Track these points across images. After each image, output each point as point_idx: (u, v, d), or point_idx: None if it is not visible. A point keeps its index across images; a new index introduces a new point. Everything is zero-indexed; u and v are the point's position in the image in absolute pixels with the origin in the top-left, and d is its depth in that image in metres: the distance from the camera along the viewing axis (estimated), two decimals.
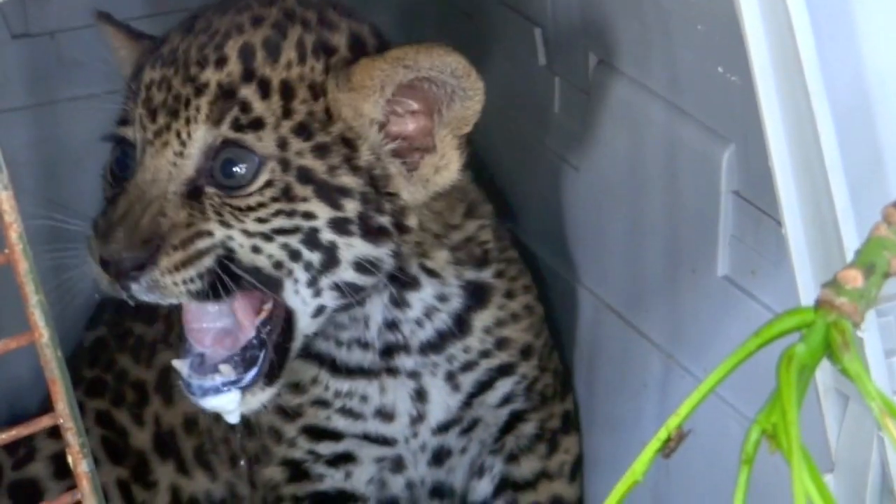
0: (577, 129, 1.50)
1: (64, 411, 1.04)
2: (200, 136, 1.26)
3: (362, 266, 1.30)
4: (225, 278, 1.25)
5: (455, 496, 1.55)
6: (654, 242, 1.42)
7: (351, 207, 1.28)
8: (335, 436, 1.45)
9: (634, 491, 1.42)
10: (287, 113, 1.27)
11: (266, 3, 1.32)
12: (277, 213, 1.27)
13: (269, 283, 1.27)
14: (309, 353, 1.42)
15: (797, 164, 1.17)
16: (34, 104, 1.67)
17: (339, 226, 1.28)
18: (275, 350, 1.30)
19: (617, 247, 1.48)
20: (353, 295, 1.31)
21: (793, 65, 1.13)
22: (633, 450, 0.97)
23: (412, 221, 1.33)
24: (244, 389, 1.31)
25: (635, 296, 1.46)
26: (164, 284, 1.25)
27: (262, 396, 1.32)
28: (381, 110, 1.30)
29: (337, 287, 1.30)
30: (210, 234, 1.26)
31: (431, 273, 1.39)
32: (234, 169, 1.26)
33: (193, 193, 1.26)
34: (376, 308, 1.38)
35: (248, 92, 1.26)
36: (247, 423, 1.50)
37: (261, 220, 1.27)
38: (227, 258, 1.26)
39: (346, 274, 1.30)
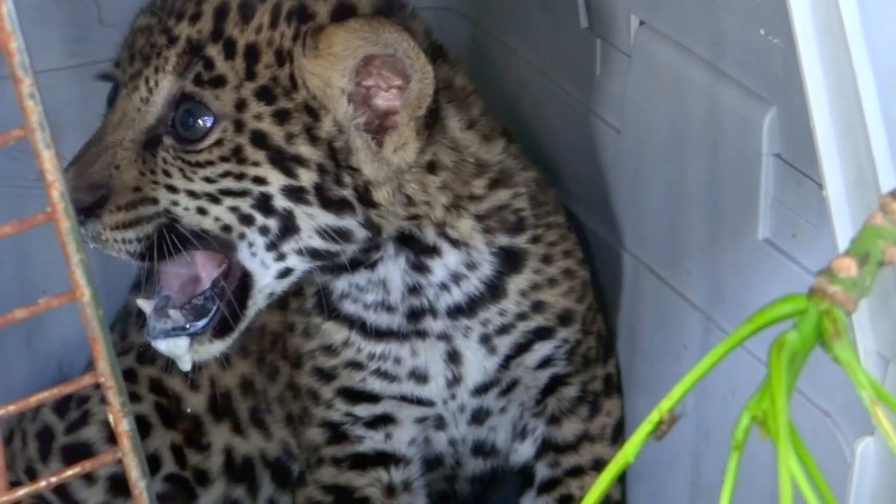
0: (619, 92, 1.50)
1: (105, 370, 1.05)
2: (166, 87, 1.29)
3: (327, 234, 1.32)
4: (166, 243, 1.28)
5: (498, 455, 1.56)
6: (694, 205, 1.42)
7: (306, 177, 1.30)
8: (372, 398, 1.46)
9: (676, 455, 1.44)
10: (250, 75, 1.29)
11: None
12: (226, 175, 1.29)
13: (220, 245, 1.31)
14: (338, 315, 1.44)
15: (838, 126, 1.17)
16: (76, 65, 1.68)
17: (294, 194, 1.30)
18: (229, 306, 1.32)
19: (658, 209, 1.48)
20: (325, 259, 1.33)
21: (835, 27, 1.13)
22: (677, 412, 0.97)
23: (380, 196, 1.33)
24: (192, 337, 1.33)
25: (676, 258, 1.46)
26: (105, 238, 1.29)
27: (212, 348, 1.35)
28: (350, 81, 1.31)
29: (303, 252, 1.32)
30: (154, 201, 1.29)
31: (454, 242, 1.39)
32: (191, 122, 1.29)
33: (151, 143, 1.29)
34: (394, 273, 1.39)
35: (214, 51, 1.29)
36: (292, 384, 1.51)
37: (208, 180, 1.29)
38: (170, 225, 1.29)
39: (311, 241, 1.32)
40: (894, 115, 1.13)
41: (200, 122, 1.29)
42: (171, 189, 1.29)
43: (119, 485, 1.47)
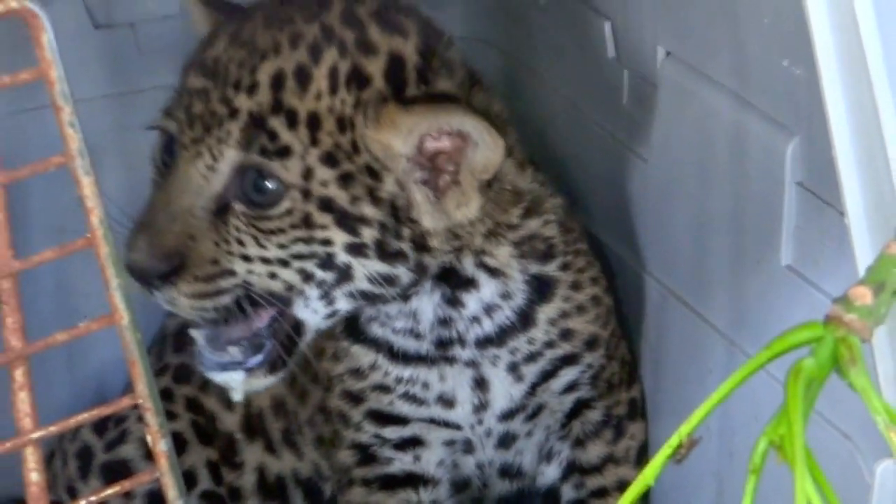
0: (646, 121, 1.50)
1: (143, 392, 1.05)
2: (230, 157, 1.26)
3: (378, 280, 1.31)
4: (238, 307, 1.28)
5: (525, 477, 1.56)
6: (719, 232, 1.42)
7: (368, 235, 1.29)
8: (400, 420, 1.46)
9: (700, 477, 1.43)
10: (314, 142, 1.27)
11: (310, 16, 1.30)
12: (296, 241, 1.28)
13: (279, 302, 1.30)
14: (365, 339, 1.44)
15: (860, 156, 1.16)
16: (116, 93, 1.68)
17: (356, 250, 1.29)
18: (281, 345, 1.31)
19: (683, 236, 1.48)
20: (371, 300, 1.33)
21: (857, 58, 1.13)
22: (697, 436, 0.97)
23: (434, 242, 1.33)
24: (248, 371, 1.33)
25: (700, 284, 1.46)
26: (181, 305, 1.27)
27: (265, 381, 1.34)
28: (413, 147, 1.29)
29: (353, 295, 1.31)
30: (232, 273, 1.28)
31: (494, 272, 1.39)
32: (261, 188, 1.27)
33: (221, 211, 1.27)
34: (427, 306, 1.39)
35: (276, 122, 1.26)
36: (322, 407, 1.51)
37: (281, 246, 1.28)
38: (244, 289, 1.28)
39: (362, 286, 1.31)
40: None
41: (270, 189, 1.27)
42: (246, 258, 1.28)
43: (156, 500, 1.47)
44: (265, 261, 1.28)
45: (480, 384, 1.44)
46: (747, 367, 0.97)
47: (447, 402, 1.40)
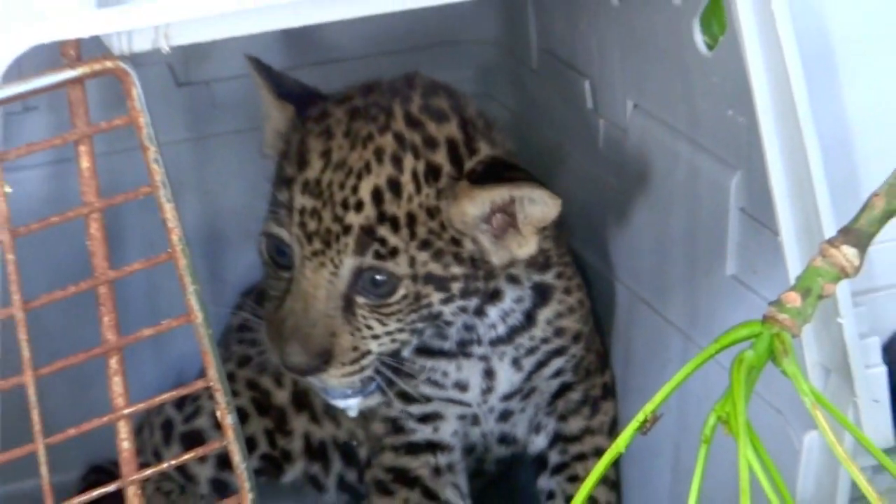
0: (618, 159, 1.49)
1: (214, 377, 1.05)
2: (349, 264, 1.25)
3: (457, 313, 1.32)
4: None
5: (518, 444, 1.55)
6: (676, 247, 1.42)
7: (456, 287, 1.29)
8: (423, 400, 1.45)
9: (660, 445, 1.42)
10: (413, 235, 1.26)
11: (384, 127, 1.28)
12: (410, 313, 1.28)
13: (393, 353, 1.31)
14: None
15: (791, 187, 1.17)
16: (192, 137, 1.68)
17: (448, 300, 1.29)
18: (387, 372, 1.32)
19: (647, 251, 1.47)
20: (446, 325, 1.34)
21: (789, 109, 1.13)
22: (659, 413, 0.97)
23: (499, 273, 1.34)
24: (364, 397, 1.33)
25: (661, 290, 1.46)
26: (332, 385, 1.29)
27: (377, 400, 1.35)
28: (483, 212, 1.29)
29: (437, 326, 1.33)
30: (369, 352, 1.28)
31: (514, 279, 1.39)
32: (378, 283, 1.26)
33: (348, 306, 1.26)
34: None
35: (384, 230, 1.25)
36: None
37: (399, 321, 1.28)
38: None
39: (446, 319, 1.32)
40: (835, 178, 1.13)
41: (385, 282, 1.26)
42: (376, 337, 1.28)
43: (224, 462, 1.47)
44: (389, 334, 1.28)
45: (489, 374, 1.44)
46: (699, 357, 0.97)
47: (462, 386, 1.40)
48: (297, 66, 1.67)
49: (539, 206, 1.27)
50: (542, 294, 1.42)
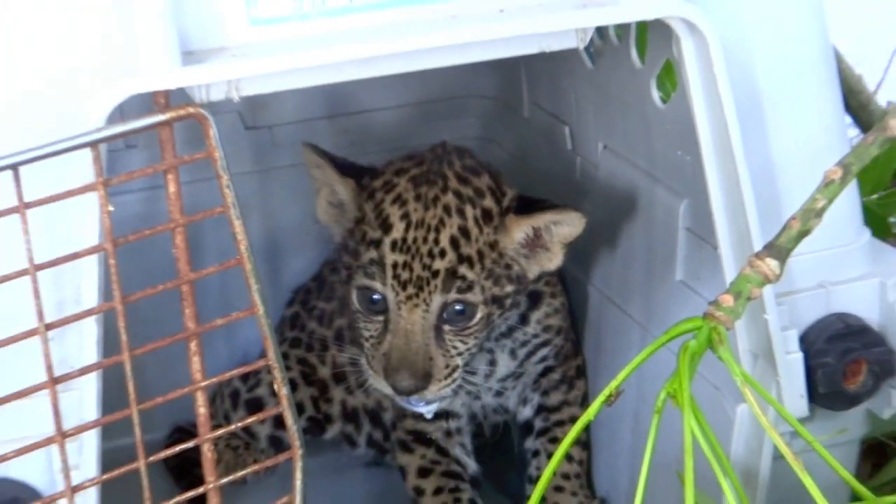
0: (591, 188, 1.49)
1: (272, 357, 1.05)
2: (437, 301, 1.25)
3: (502, 323, 1.34)
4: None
5: (509, 413, 1.54)
6: (637, 259, 1.41)
7: (508, 303, 1.30)
8: None
9: (623, 414, 1.42)
10: (482, 268, 1.27)
11: (444, 188, 1.29)
12: (483, 330, 1.29)
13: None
14: None
15: (727, 211, 1.17)
16: (257, 170, 1.68)
17: (501, 315, 1.31)
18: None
19: (614, 261, 1.46)
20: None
21: (727, 150, 1.13)
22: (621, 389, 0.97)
23: (529, 285, 1.35)
24: (440, 402, 1.32)
25: (625, 292, 1.45)
26: (431, 399, 1.28)
27: (447, 403, 1.37)
28: (523, 237, 1.30)
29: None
30: (458, 367, 1.28)
31: None
32: (460, 313, 1.27)
33: (438, 333, 1.26)
34: None
35: (464, 269, 1.25)
36: None
37: (476, 338, 1.29)
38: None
39: (495, 329, 1.33)
40: (761, 204, 1.13)
41: (466, 311, 1.27)
42: (460, 354, 1.28)
43: (279, 423, 1.46)
44: (469, 350, 1.29)
45: (492, 361, 1.43)
46: (653, 345, 0.97)
47: (470, 372, 1.39)
48: (332, 116, 1.68)
49: (566, 226, 1.29)
50: (534, 299, 1.41)
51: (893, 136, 1.01)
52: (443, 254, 1.25)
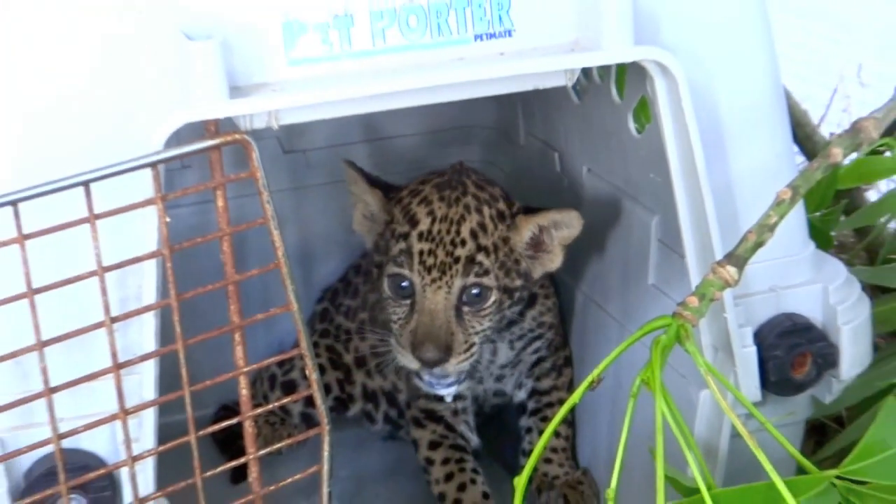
0: (576, 206, 1.48)
1: (304, 346, 1.04)
2: (458, 284, 1.24)
3: (511, 313, 1.33)
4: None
5: (506, 396, 1.53)
6: (616, 265, 1.40)
7: (517, 295, 1.29)
8: None
9: (603, 398, 1.42)
10: (496, 259, 1.26)
11: (464, 192, 1.29)
12: (496, 314, 1.27)
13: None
14: None
15: (693, 225, 1.16)
16: (293, 187, 1.68)
17: (511, 305, 1.30)
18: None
19: (597, 267, 1.45)
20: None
21: (692, 173, 1.11)
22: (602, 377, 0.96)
23: (533, 283, 1.34)
24: (458, 386, 1.31)
25: (605, 293, 1.44)
26: (448, 372, 1.27)
27: (463, 387, 1.34)
28: (530, 235, 1.30)
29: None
30: (475, 344, 1.26)
31: None
32: (477, 294, 1.26)
33: (458, 313, 1.25)
34: None
35: (481, 257, 1.25)
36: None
37: (490, 320, 1.27)
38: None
39: (505, 318, 1.32)
40: (721, 220, 1.12)
41: (481, 294, 1.26)
42: (477, 333, 1.27)
43: (310, 402, 1.46)
44: (484, 330, 1.27)
45: (493, 351, 1.42)
46: (630, 339, 0.96)
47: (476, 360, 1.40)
48: (358, 142, 1.68)
49: (566, 228, 1.29)
50: (531, 299, 1.40)
51: (835, 162, 1.00)
52: (463, 243, 1.25)
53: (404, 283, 1.26)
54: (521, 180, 1.64)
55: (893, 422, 0.94)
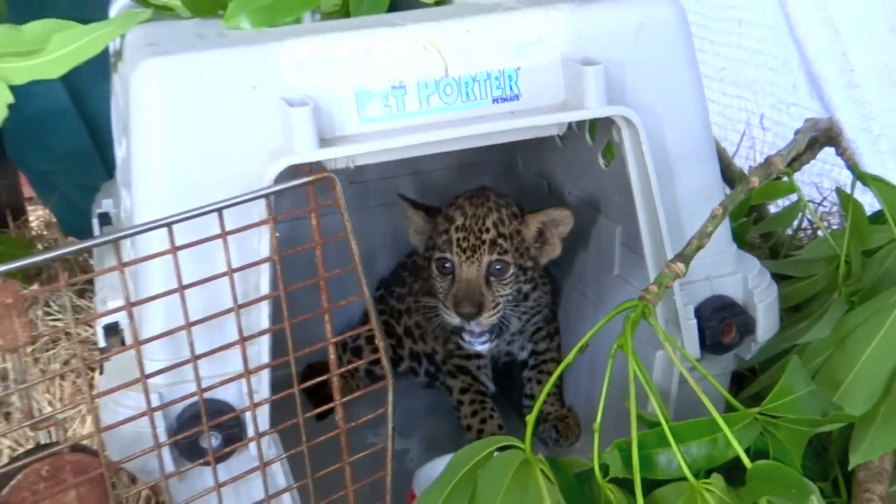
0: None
1: (374, 322, 1.03)
2: (486, 260, 1.24)
3: (526, 289, 1.31)
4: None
5: (513, 355, 1.50)
6: (591, 262, 1.38)
7: (529, 274, 1.28)
8: None
9: (585, 360, 1.39)
10: (512, 244, 1.26)
11: (485, 199, 1.29)
12: (515, 283, 1.27)
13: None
14: None
15: (650, 234, 1.15)
16: (357, 208, 1.65)
17: (525, 281, 1.29)
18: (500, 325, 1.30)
19: (578, 263, 1.44)
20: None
21: (649, 195, 1.10)
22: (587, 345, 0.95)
23: (539, 268, 1.32)
24: (490, 343, 1.30)
25: (584, 281, 1.42)
26: (481, 323, 1.25)
27: (494, 344, 1.32)
28: (536, 229, 1.29)
29: (517, 292, 1.30)
30: (500, 304, 1.25)
31: None
32: (500, 268, 1.26)
33: (487, 281, 1.25)
34: None
35: (501, 241, 1.25)
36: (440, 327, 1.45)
37: (511, 288, 1.26)
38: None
39: (521, 292, 1.30)
40: (672, 230, 1.10)
41: (503, 269, 1.25)
42: (502, 296, 1.26)
43: (373, 361, 1.46)
44: (506, 295, 1.26)
45: (506, 323, 1.39)
46: (608, 316, 0.95)
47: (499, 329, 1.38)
48: (404, 175, 1.66)
49: (562, 223, 1.28)
50: (533, 285, 1.38)
51: (753, 187, 1.00)
52: (487, 230, 1.25)
53: (447, 264, 1.26)
54: (520, 201, 1.63)
55: (798, 373, 0.93)
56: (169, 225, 0.88)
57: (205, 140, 0.96)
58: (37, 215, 1.87)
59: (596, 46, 1.04)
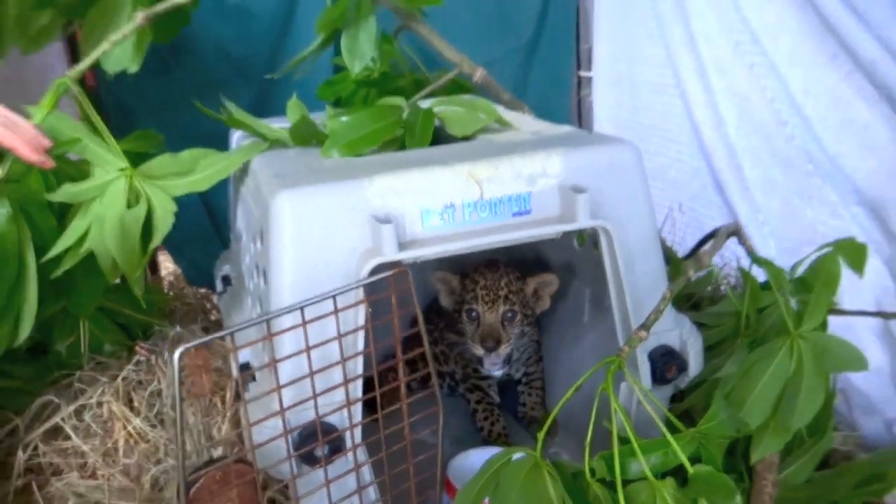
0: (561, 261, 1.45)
1: (430, 367, 1.05)
2: (501, 308, 1.29)
3: (528, 329, 1.34)
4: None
5: (511, 376, 1.52)
6: (568, 313, 1.41)
7: (529, 319, 1.31)
8: None
9: (565, 374, 1.45)
10: (518, 298, 1.30)
11: (496, 267, 1.33)
12: (520, 325, 1.30)
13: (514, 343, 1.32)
14: None
15: (619, 307, 1.17)
16: (417, 266, 1.54)
17: (528, 325, 1.31)
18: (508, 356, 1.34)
19: (557, 315, 1.46)
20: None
21: (618, 278, 1.13)
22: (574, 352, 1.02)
23: (534, 316, 1.36)
24: (502, 370, 1.33)
25: (562, 328, 1.45)
26: (499, 353, 1.29)
27: (504, 369, 1.36)
28: (532, 289, 1.33)
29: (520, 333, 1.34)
30: (510, 339, 1.29)
31: None
32: (511, 316, 1.29)
33: (503, 325, 1.29)
34: None
35: (511, 296, 1.29)
36: (459, 354, 1.48)
37: (517, 328, 1.30)
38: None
39: (524, 333, 1.34)
40: (634, 305, 1.15)
41: (515, 315, 1.28)
42: (514, 334, 1.30)
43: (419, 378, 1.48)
44: (516, 334, 1.31)
45: (510, 354, 1.41)
46: (593, 368, 0.92)
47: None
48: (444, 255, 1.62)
49: (550, 285, 1.33)
50: (529, 326, 1.41)
51: (690, 276, 1.09)
52: (502, 289, 1.30)
53: (474, 312, 1.32)
54: (520, 268, 1.63)
55: (720, 403, 1.00)
56: (302, 308, 0.96)
57: (320, 245, 1.04)
58: (165, 266, 1.94)
59: (582, 177, 1.06)
